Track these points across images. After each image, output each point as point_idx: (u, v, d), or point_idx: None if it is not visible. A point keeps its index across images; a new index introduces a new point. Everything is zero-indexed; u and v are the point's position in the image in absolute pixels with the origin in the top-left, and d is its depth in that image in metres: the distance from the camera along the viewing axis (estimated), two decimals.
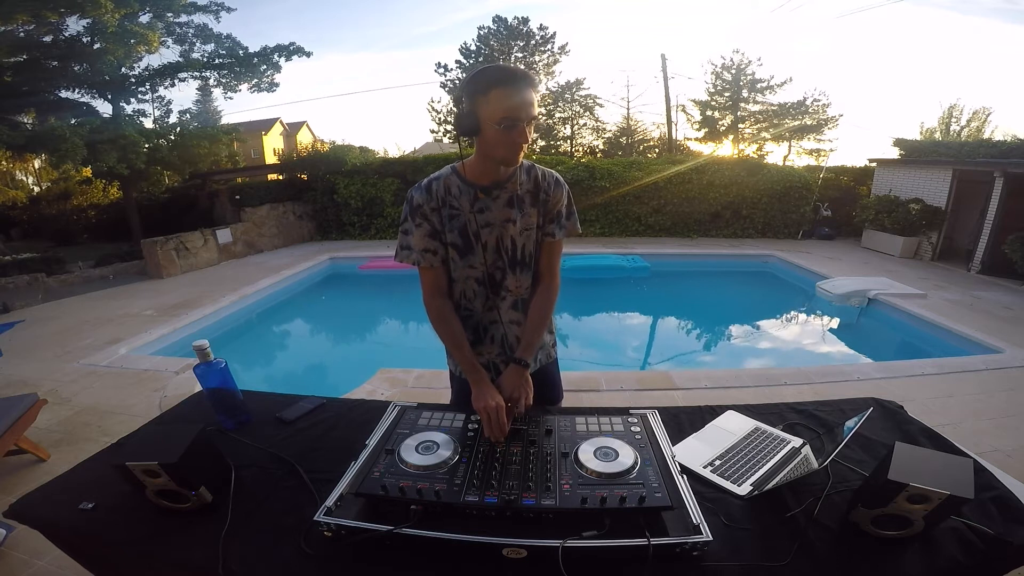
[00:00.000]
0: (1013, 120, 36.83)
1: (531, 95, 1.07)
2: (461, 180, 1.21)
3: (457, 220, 1.21)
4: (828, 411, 1.41)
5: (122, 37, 9.09)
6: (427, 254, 1.23)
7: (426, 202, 1.20)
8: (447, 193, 1.21)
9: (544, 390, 1.44)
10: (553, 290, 1.33)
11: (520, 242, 1.26)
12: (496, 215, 1.22)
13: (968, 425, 2.71)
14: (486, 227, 1.22)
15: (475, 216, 1.21)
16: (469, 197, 1.20)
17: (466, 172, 1.21)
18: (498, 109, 1.05)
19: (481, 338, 1.36)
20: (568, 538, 0.84)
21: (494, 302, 1.31)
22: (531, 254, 1.29)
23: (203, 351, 1.32)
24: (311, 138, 22.92)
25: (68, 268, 7.59)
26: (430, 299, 1.27)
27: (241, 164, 16.45)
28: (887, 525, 0.89)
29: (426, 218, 1.20)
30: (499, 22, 18.71)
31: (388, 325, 6.39)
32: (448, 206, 1.21)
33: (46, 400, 2.58)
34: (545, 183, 1.25)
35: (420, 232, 1.21)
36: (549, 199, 1.25)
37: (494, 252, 1.26)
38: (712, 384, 3.21)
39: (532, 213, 1.25)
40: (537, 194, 1.24)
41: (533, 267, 1.32)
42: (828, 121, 17.56)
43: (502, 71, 1.06)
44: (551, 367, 1.49)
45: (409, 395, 3.06)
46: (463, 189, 1.20)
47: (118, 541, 1.00)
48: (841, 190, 10.07)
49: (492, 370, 1.37)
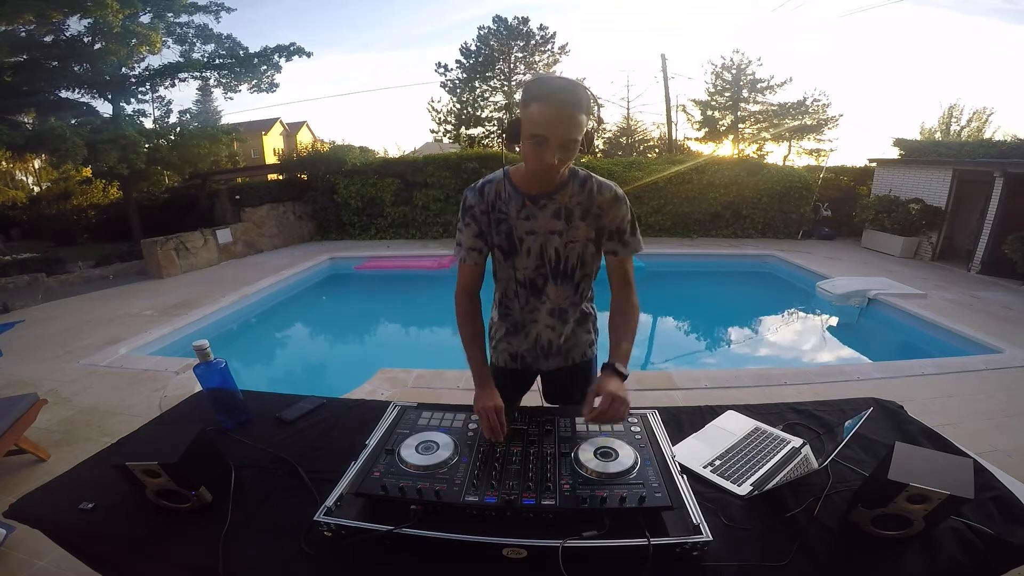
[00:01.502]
0: (1014, 120, 36.89)
1: (571, 116, 1.00)
2: (511, 185, 1.20)
3: (504, 224, 1.22)
4: (828, 411, 1.41)
5: (123, 37, 9.10)
6: (472, 252, 1.25)
7: (477, 204, 1.22)
8: (497, 197, 1.21)
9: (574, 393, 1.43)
10: (632, 304, 1.26)
11: (564, 254, 1.25)
12: (541, 224, 1.21)
13: (968, 425, 2.71)
14: (530, 234, 1.22)
15: (520, 222, 1.21)
16: (517, 204, 1.20)
17: (516, 178, 1.20)
18: (532, 123, 1.02)
19: (515, 332, 1.38)
20: (568, 538, 0.85)
21: (534, 305, 1.33)
22: (575, 266, 1.27)
23: (203, 351, 1.32)
24: (311, 138, 22.94)
25: (68, 268, 7.59)
26: (461, 295, 1.29)
27: (241, 164, 16.46)
28: (887, 525, 0.89)
29: (475, 219, 1.23)
30: (499, 22, 18.69)
31: (388, 325, 6.39)
32: (497, 210, 1.22)
33: (46, 400, 2.58)
34: (600, 197, 1.20)
35: (468, 232, 1.23)
36: (604, 215, 1.21)
37: (536, 259, 1.26)
38: (712, 384, 3.21)
39: (581, 226, 1.21)
40: (589, 208, 1.20)
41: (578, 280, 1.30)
42: (828, 121, 17.59)
43: (547, 85, 1.02)
44: (587, 367, 1.47)
45: (409, 395, 3.06)
46: (512, 195, 1.20)
47: (118, 541, 1.00)
48: (841, 190, 10.06)
49: (518, 361, 1.42)
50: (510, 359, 1.43)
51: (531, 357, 1.40)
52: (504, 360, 1.43)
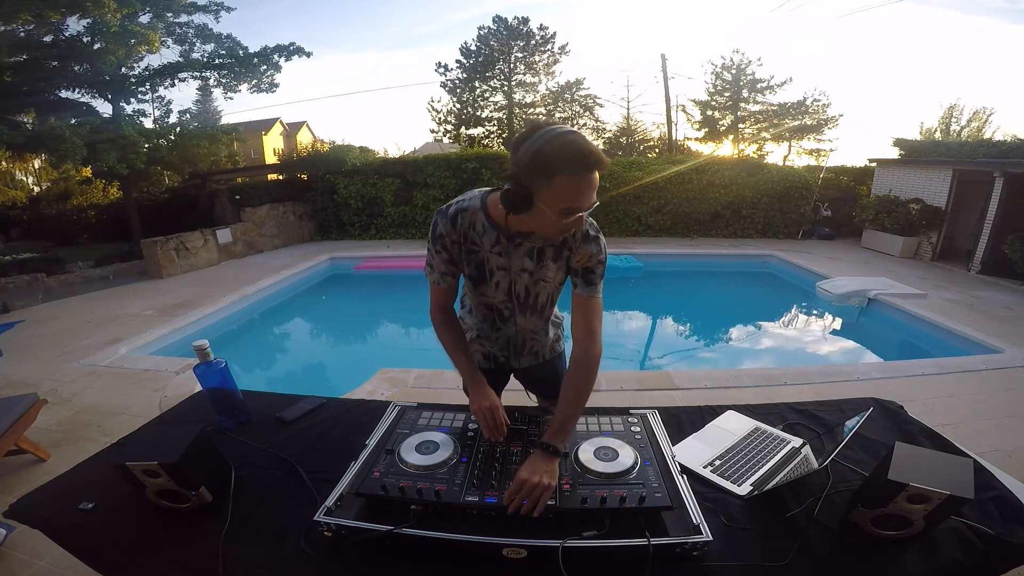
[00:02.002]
0: (1014, 120, 36.78)
1: (597, 179, 0.95)
2: (487, 219, 1.15)
3: (475, 256, 1.21)
4: (828, 411, 1.41)
5: (123, 37, 9.08)
6: (446, 276, 1.25)
7: (448, 233, 1.17)
8: (471, 228, 1.17)
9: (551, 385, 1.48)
10: (592, 359, 1.14)
11: (534, 291, 1.27)
12: (513, 262, 1.20)
13: (968, 425, 2.71)
14: (501, 270, 1.23)
15: (493, 256, 1.20)
16: (491, 238, 1.17)
17: (494, 212, 1.13)
18: (561, 198, 0.94)
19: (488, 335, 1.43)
20: (568, 538, 0.85)
21: (500, 325, 1.38)
22: (544, 304, 1.31)
23: (203, 351, 1.32)
24: (311, 138, 22.93)
25: (68, 268, 7.59)
26: (436, 311, 1.30)
27: (241, 164, 16.43)
28: (887, 525, 0.89)
29: (446, 248, 1.20)
30: (499, 22, 18.68)
31: (388, 325, 6.38)
32: (469, 240, 1.18)
33: (46, 400, 2.58)
34: (572, 239, 1.15)
35: (439, 258, 1.22)
36: (573, 255, 1.17)
37: (504, 293, 1.28)
38: (712, 384, 3.21)
39: (551, 267, 1.20)
40: (561, 250, 1.18)
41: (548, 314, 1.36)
42: (828, 121, 17.56)
43: (574, 155, 0.91)
44: (556, 361, 1.53)
45: (409, 395, 3.06)
46: (487, 228, 1.16)
47: (118, 541, 1.00)
48: (841, 190, 10.07)
49: (491, 361, 1.47)
50: (483, 359, 1.46)
51: (503, 356, 1.45)
52: (478, 360, 1.45)
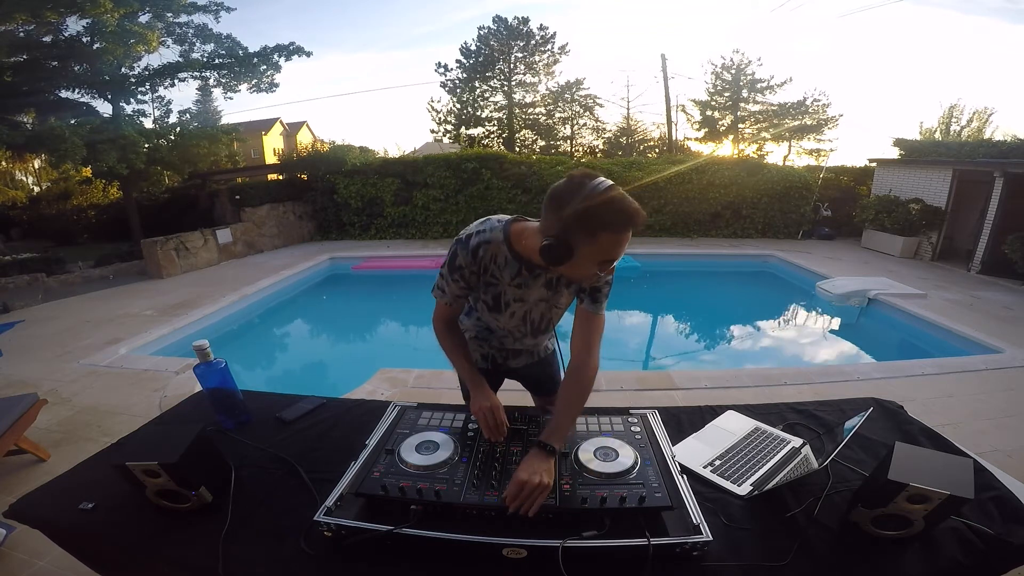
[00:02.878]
0: (1014, 120, 36.73)
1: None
2: (510, 251, 1.16)
3: (493, 288, 1.25)
4: (828, 411, 1.41)
5: (121, 37, 9.08)
6: (458, 299, 1.26)
7: (467, 265, 1.18)
8: (492, 262, 1.18)
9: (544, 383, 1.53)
10: (589, 371, 1.15)
11: (547, 316, 1.34)
12: (531, 293, 1.25)
13: (968, 425, 2.71)
14: (517, 301, 1.27)
15: (511, 289, 1.24)
16: (512, 271, 1.18)
17: (517, 244, 1.15)
18: (603, 252, 0.99)
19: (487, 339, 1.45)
20: (568, 538, 0.85)
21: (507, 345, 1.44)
22: (553, 323, 1.39)
23: (203, 351, 1.32)
24: (311, 138, 22.92)
25: (68, 268, 7.59)
26: (439, 322, 1.31)
27: (241, 164, 16.42)
28: (887, 525, 0.89)
29: (464, 278, 1.20)
30: (499, 22, 18.68)
31: (388, 325, 6.39)
32: (489, 274, 1.20)
33: (46, 400, 2.58)
34: None
35: (455, 286, 1.22)
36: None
37: (519, 320, 1.33)
38: (712, 384, 3.21)
39: (565, 293, 1.27)
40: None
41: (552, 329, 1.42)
42: (828, 121, 17.57)
43: (620, 214, 0.96)
44: (550, 358, 1.56)
45: (409, 395, 3.06)
46: (509, 261, 1.17)
47: (118, 541, 1.00)
48: (841, 190, 10.07)
49: (489, 362, 1.49)
50: (481, 359, 1.48)
51: (500, 357, 1.48)
52: (475, 360, 1.46)
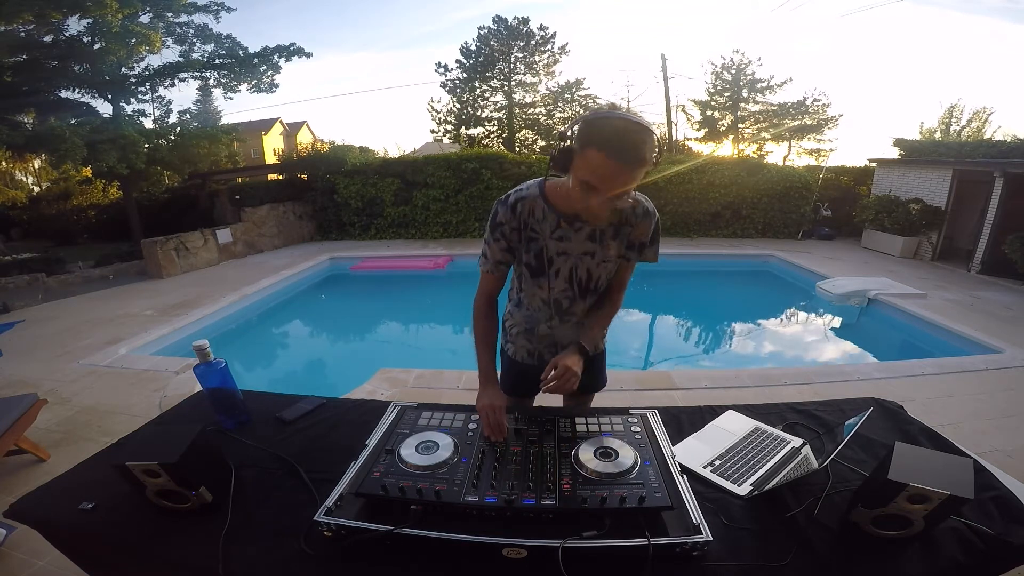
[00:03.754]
0: (1014, 120, 36.80)
1: (630, 174, 0.93)
2: (547, 204, 1.17)
3: (535, 243, 1.21)
4: (828, 411, 1.41)
5: (123, 37, 9.08)
6: (500, 266, 1.26)
7: (508, 221, 1.18)
8: (530, 215, 1.18)
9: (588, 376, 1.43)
10: (618, 303, 1.33)
11: (596, 273, 1.26)
12: (575, 246, 1.20)
13: (968, 425, 2.71)
14: (561, 255, 1.22)
15: (553, 242, 1.20)
16: (551, 223, 1.17)
17: (552, 196, 1.17)
18: (585, 170, 0.96)
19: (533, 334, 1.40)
20: (568, 538, 0.85)
21: (557, 323, 1.35)
22: (601, 282, 1.28)
23: (203, 351, 1.32)
24: (311, 138, 22.92)
25: (68, 268, 7.59)
26: (481, 298, 1.30)
27: (241, 164, 16.43)
28: (887, 525, 0.89)
29: (504, 236, 1.21)
30: (499, 22, 18.67)
31: (388, 325, 6.38)
32: (529, 228, 1.19)
33: (46, 400, 2.58)
34: (632, 215, 1.18)
35: (497, 247, 1.23)
36: (633, 230, 1.21)
37: (565, 280, 1.26)
38: (712, 384, 3.21)
39: (612, 245, 1.21)
40: (621, 227, 1.20)
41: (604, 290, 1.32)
42: (828, 121, 17.56)
43: (612, 137, 0.91)
44: (597, 357, 1.51)
45: (409, 395, 3.06)
46: (547, 214, 1.17)
47: (118, 541, 1.00)
48: (841, 190, 10.07)
49: (536, 359, 1.43)
50: (528, 355, 1.44)
51: (549, 354, 1.40)
52: (522, 356, 1.45)
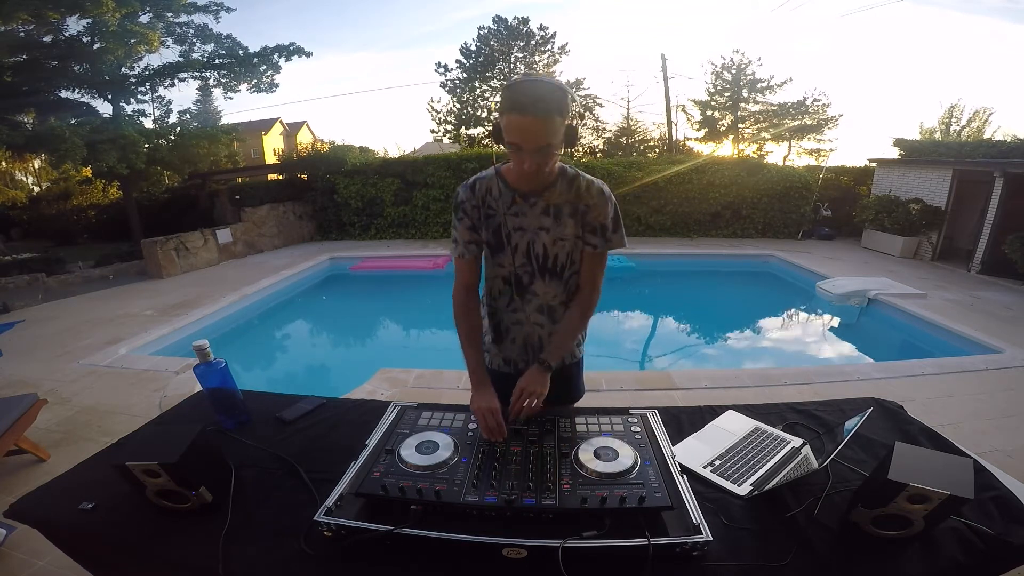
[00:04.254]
0: (1014, 120, 36.78)
1: (543, 124, 1.02)
2: (502, 182, 1.23)
3: (492, 220, 1.26)
4: (828, 411, 1.41)
5: (122, 37, 9.09)
6: (470, 246, 1.29)
7: (468, 199, 1.25)
8: (487, 194, 1.24)
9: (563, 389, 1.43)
10: (592, 302, 1.32)
11: (552, 251, 1.27)
12: (530, 221, 1.24)
13: (968, 425, 2.71)
14: (518, 231, 1.25)
15: (509, 219, 1.24)
16: (506, 200, 1.23)
17: (508, 176, 1.23)
18: (508, 132, 1.06)
19: (503, 337, 1.40)
20: (568, 538, 0.85)
21: (519, 304, 1.34)
22: (563, 264, 1.29)
23: (203, 351, 1.32)
24: (311, 138, 22.91)
25: (68, 268, 7.59)
26: (460, 290, 1.32)
27: (241, 164, 16.43)
28: (887, 525, 0.89)
29: (467, 214, 1.26)
30: (499, 22, 18.68)
31: (388, 325, 6.38)
32: (487, 205, 1.25)
33: (46, 400, 2.58)
34: (587, 195, 1.22)
35: (462, 226, 1.27)
36: (589, 211, 1.23)
37: (523, 256, 1.28)
38: (712, 384, 3.21)
39: (569, 224, 1.24)
40: (577, 205, 1.23)
41: (567, 276, 1.31)
42: (828, 121, 17.55)
43: (519, 94, 1.02)
44: (574, 367, 1.48)
45: (409, 395, 3.06)
46: (502, 191, 1.23)
47: (118, 541, 1.00)
48: (841, 190, 10.06)
49: (512, 367, 1.42)
50: (503, 363, 1.44)
51: (523, 362, 1.41)
52: (498, 364, 1.44)
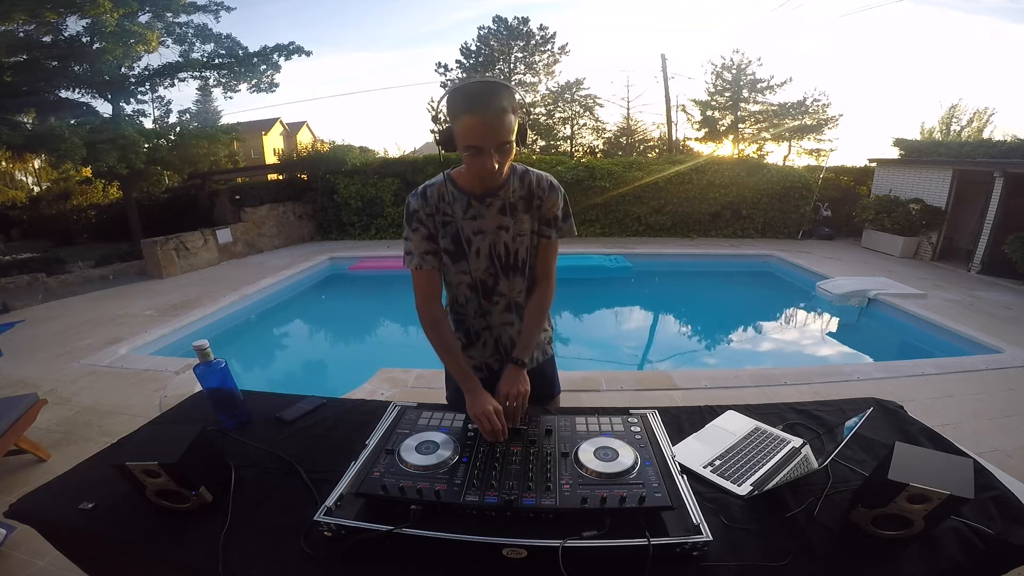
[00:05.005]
0: (1014, 120, 36.71)
1: (500, 121, 1.01)
2: (454, 187, 1.21)
3: (449, 227, 1.23)
4: (828, 411, 1.41)
5: (121, 37, 9.08)
6: (428, 256, 1.24)
7: (421, 207, 1.22)
8: (440, 200, 1.22)
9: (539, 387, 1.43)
10: (549, 292, 1.34)
11: (514, 248, 1.27)
12: (489, 222, 1.23)
13: (968, 425, 2.71)
14: (478, 234, 1.23)
15: (467, 223, 1.22)
16: (462, 204, 1.21)
17: (459, 179, 1.22)
18: (465, 136, 1.03)
19: (473, 342, 1.39)
20: (568, 538, 0.84)
21: (487, 308, 1.33)
22: (524, 259, 1.29)
23: (203, 351, 1.32)
24: (311, 138, 22.93)
25: (68, 268, 7.58)
26: (423, 303, 1.27)
27: (241, 164, 16.43)
28: (887, 525, 0.89)
29: (422, 223, 1.22)
30: (499, 22, 18.72)
31: (388, 325, 6.38)
32: (442, 212, 1.22)
33: (46, 400, 2.58)
34: (539, 189, 1.24)
35: (417, 236, 1.23)
36: (543, 204, 1.25)
37: (487, 259, 1.27)
38: (712, 384, 3.21)
39: (525, 219, 1.25)
40: (531, 200, 1.24)
41: (528, 270, 1.31)
42: (828, 121, 17.57)
43: (470, 96, 1.01)
44: (547, 364, 1.50)
45: (409, 395, 3.06)
46: (456, 196, 1.21)
47: (118, 541, 0.99)
48: (841, 190, 10.07)
49: (485, 371, 1.40)
50: (475, 370, 1.40)
51: (497, 364, 1.40)
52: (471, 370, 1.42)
